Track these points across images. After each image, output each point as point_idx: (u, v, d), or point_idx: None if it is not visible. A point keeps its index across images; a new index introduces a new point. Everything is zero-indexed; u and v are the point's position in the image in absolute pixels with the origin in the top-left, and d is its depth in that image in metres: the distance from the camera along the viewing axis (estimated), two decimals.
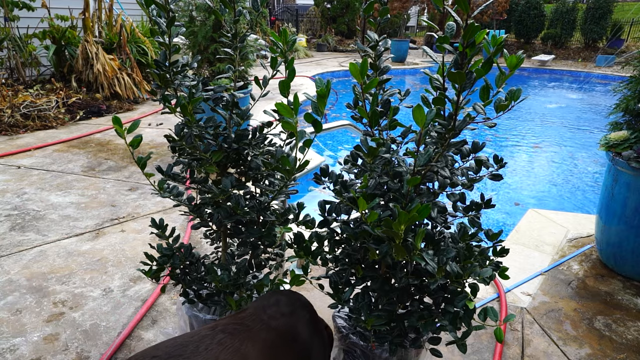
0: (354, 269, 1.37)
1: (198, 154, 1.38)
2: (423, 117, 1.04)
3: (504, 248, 1.29)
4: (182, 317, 1.65)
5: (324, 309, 2.17)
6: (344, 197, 1.27)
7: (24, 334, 1.93)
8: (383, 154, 1.23)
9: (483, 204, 1.33)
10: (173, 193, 1.44)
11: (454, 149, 1.27)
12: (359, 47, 1.36)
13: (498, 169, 1.33)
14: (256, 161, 1.45)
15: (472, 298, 1.25)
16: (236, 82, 1.55)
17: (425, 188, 1.31)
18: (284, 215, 1.47)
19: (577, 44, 15.22)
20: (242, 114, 1.48)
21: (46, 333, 1.94)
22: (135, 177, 3.74)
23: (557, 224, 3.21)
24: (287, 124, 1.10)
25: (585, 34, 14.46)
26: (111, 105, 5.87)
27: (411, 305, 1.34)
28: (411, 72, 11.98)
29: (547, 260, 2.73)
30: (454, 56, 1.10)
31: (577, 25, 14.61)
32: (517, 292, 2.40)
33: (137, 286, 2.31)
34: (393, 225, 1.03)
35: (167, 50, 1.33)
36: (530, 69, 12.87)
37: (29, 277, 2.33)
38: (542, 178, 5.16)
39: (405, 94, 1.46)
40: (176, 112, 1.35)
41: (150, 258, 1.50)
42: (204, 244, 2.74)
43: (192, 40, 4.34)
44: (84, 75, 6.01)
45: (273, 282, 1.49)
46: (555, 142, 6.49)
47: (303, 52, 12.70)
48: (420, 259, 1.11)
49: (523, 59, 1.06)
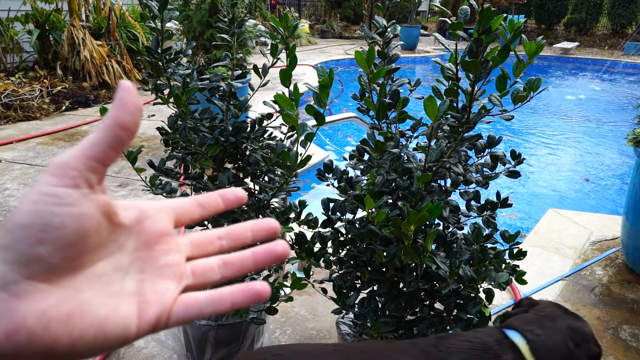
0: (359, 272, 1.37)
1: (193, 147, 1.38)
2: (435, 109, 1.04)
3: (521, 250, 1.29)
4: None
5: (328, 315, 2.18)
6: (349, 194, 1.27)
7: None
8: (391, 149, 1.23)
9: (499, 203, 1.33)
10: (166, 190, 1.45)
11: (467, 143, 1.27)
12: (366, 33, 1.36)
13: (516, 166, 1.33)
14: (255, 156, 1.46)
15: (487, 304, 1.25)
16: (234, 70, 1.56)
17: (436, 186, 1.31)
18: (284, 214, 1.48)
19: (604, 30, 15.11)
20: (240, 105, 1.48)
21: None
22: (125, 173, 3.76)
23: (580, 225, 3.21)
24: (288, 117, 1.11)
25: (613, 19, 14.35)
26: (99, 95, 5.89)
27: (421, 312, 1.35)
28: (422, 61, 11.94)
29: (568, 264, 2.73)
30: (468, 43, 1.10)
31: (603, 9, 14.50)
32: (536, 298, 2.40)
33: None
34: (402, 225, 1.03)
35: (160, 36, 1.33)
36: (552, 57, 12.81)
37: None
38: (563, 175, 5.15)
39: (415, 85, 1.46)
40: (169, 103, 1.35)
41: None
42: None
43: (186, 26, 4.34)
44: (70, 63, 6.02)
45: (273, 285, 1.50)
46: (578, 137, 6.47)
47: (306, 39, 12.68)
48: (431, 262, 1.12)
49: (543, 45, 1.06)
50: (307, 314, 2.20)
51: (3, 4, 6.08)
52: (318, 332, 2.09)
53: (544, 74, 11.18)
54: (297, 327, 2.11)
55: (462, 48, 1.11)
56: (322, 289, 1.45)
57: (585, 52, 13.41)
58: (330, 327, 2.11)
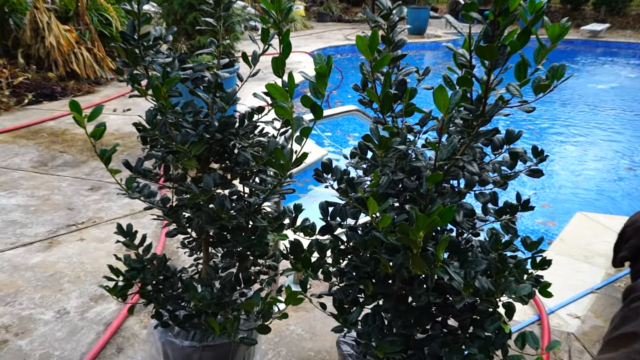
0: (362, 285, 1.38)
1: (174, 145, 1.39)
2: (446, 100, 1.05)
3: (545, 259, 1.30)
4: (154, 343, 1.66)
5: (327, 333, 2.19)
6: (351, 197, 1.28)
7: None
8: (397, 146, 1.24)
9: (519, 206, 1.34)
10: (144, 193, 1.46)
11: (483, 139, 1.28)
12: (369, 16, 1.37)
13: (538, 163, 1.34)
14: (244, 154, 1.47)
15: (507, 320, 1.26)
16: (220, 59, 1.56)
17: (448, 187, 1.32)
18: (277, 219, 1.48)
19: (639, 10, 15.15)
20: (227, 97, 1.49)
21: None
22: (98, 174, 3.76)
23: (612, 231, 3.22)
24: (281, 109, 1.11)
25: None
26: (67, 87, 5.88)
27: (432, 329, 1.35)
28: (432, 47, 11.97)
29: (599, 275, 2.74)
30: (483, 27, 1.11)
31: None
32: (563, 313, 2.41)
33: (99, 307, 2.33)
34: (410, 231, 1.04)
35: (136, 20, 1.34)
36: (578, 41, 12.85)
37: None
38: (592, 174, 5.17)
39: (424, 73, 1.47)
40: (147, 96, 1.36)
41: (115, 272, 1.51)
42: (181, 254, 2.75)
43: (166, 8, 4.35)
44: (34, 50, 6.02)
45: (265, 300, 1.50)
46: (610, 130, 6.49)
47: (301, 23, 12.70)
48: (443, 273, 1.13)
49: (568, 28, 1.07)
50: (303, 333, 2.20)
51: None
52: (316, 353, 2.09)
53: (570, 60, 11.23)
54: (292, 347, 2.12)
55: (476, 32, 1.12)
56: (321, 304, 1.45)
57: (617, 34, 13.46)
58: (331, 347, 2.12)
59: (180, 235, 1.57)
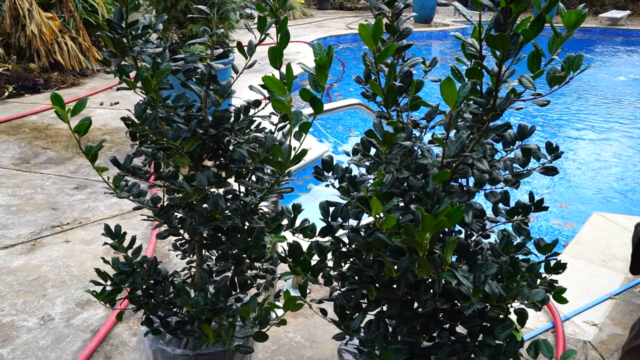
0: (365, 290, 1.38)
1: (165, 141, 1.39)
2: (454, 93, 1.05)
3: (560, 263, 1.30)
4: (144, 351, 1.67)
5: (328, 341, 2.19)
6: (353, 197, 1.28)
7: None
8: (402, 142, 1.24)
9: (532, 206, 1.35)
10: (133, 192, 1.46)
11: (494, 134, 1.29)
12: (372, 3, 1.37)
13: (552, 161, 1.34)
14: (240, 151, 1.47)
15: (519, 328, 1.26)
16: (214, 49, 1.57)
17: (456, 185, 1.32)
18: (275, 220, 1.49)
19: None
20: (221, 90, 1.49)
21: None
22: (84, 172, 3.77)
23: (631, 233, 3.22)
24: (279, 103, 1.12)
25: None
26: (50, 79, 5.89)
27: (439, 337, 1.36)
28: (439, 36, 11.96)
29: (618, 279, 2.74)
30: (494, 14, 1.11)
31: None
32: (579, 320, 2.42)
33: (85, 313, 2.33)
34: (415, 233, 1.04)
35: (124, 7, 1.34)
36: (597, 29, 12.82)
37: None
38: (611, 172, 5.16)
39: (431, 64, 1.47)
40: (136, 88, 1.36)
41: (103, 276, 1.52)
42: (173, 257, 2.76)
43: None
44: (14, 39, 6.01)
45: (262, 306, 1.51)
46: (629, 127, 6.48)
47: (300, 11, 12.69)
48: (451, 277, 1.13)
49: (585, 15, 1.07)
50: (303, 340, 2.21)
51: None
52: None
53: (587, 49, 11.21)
54: (291, 355, 2.12)
55: (487, 20, 1.12)
56: (321, 309, 1.46)
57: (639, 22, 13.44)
58: (331, 355, 2.12)
59: (172, 237, 1.58)
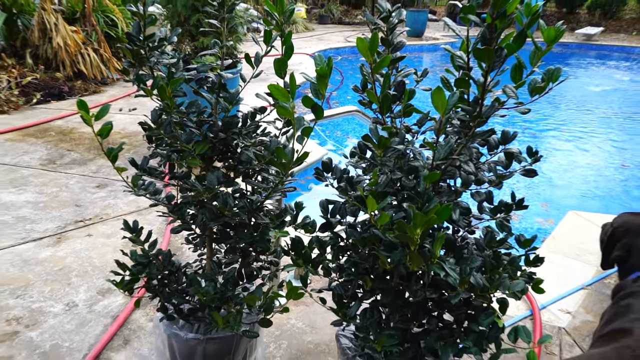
0: (361, 280, 1.38)
1: (179, 144, 1.39)
2: (444, 101, 1.05)
3: (538, 257, 1.30)
4: (159, 336, 1.67)
5: (327, 327, 2.19)
6: (350, 196, 1.28)
7: None
8: (396, 146, 1.24)
9: (514, 205, 1.34)
10: (149, 191, 1.46)
11: (479, 139, 1.28)
12: (368, 18, 1.37)
13: (532, 164, 1.34)
14: (247, 153, 1.47)
15: (501, 315, 1.26)
16: (223, 60, 1.56)
17: (445, 186, 1.32)
18: (279, 217, 1.49)
19: (632, 14, 15.10)
20: (230, 97, 1.49)
21: None
22: (104, 172, 3.76)
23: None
24: (283, 110, 1.12)
25: None
26: (74, 87, 5.88)
27: (428, 323, 1.36)
28: (430, 49, 11.96)
29: (590, 272, 2.74)
30: (481, 29, 1.11)
31: None
32: (555, 309, 2.41)
33: (106, 300, 2.33)
34: (407, 229, 1.04)
35: (142, 21, 1.34)
36: (573, 44, 12.83)
37: None
38: (585, 174, 5.16)
39: (422, 75, 1.47)
40: (152, 95, 1.36)
41: (122, 267, 1.52)
42: (185, 250, 2.76)
43: (170, 10, 4.34)
44: (41, 51, 6.01)
45: (267, 295, 1.50)
46: (603, 132, 6.48)
47: (302, 25, 12.69)
48: (439, 269, 1.13)
49: (563, 31, 1.07)
50: (304, 326, 2.21)
51: None
52: (316, 345, 2.10)
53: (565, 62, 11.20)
54: (293, 340, 2.12)
55: (474, 35, 1.12)
56: (321, 298, 1.45)
57: (611, 38, 13.44)
58: (330, 340, 2.12)
59: (184, 232, 1.57)
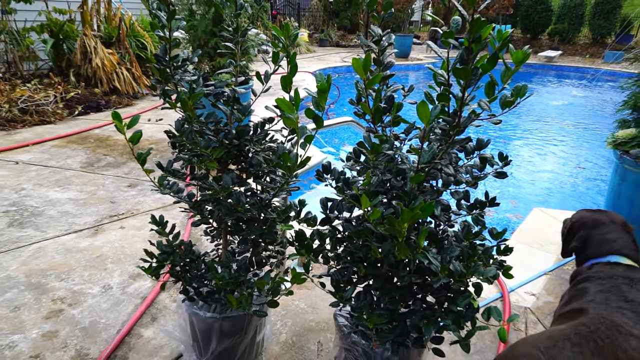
0: (356, 268, 1.37)
1: (198, 150, 1.38)
2: (427, 113, 1.04)
3: (507, 247, 1.29)
4: (182, 314, 1.66)
5: (326, 308, 2.18)
6: (346, 194, 1.27)
7: (23, 331, 1.95)
8: (386, 151, 1.23)
9: (487, 202, 1.33)
10: (173, 189, 1.45)
11: (458, 146, 1.27)
12: (362, 41, 1.36)
13: (503, 167, 1.33)
14: (257, 157, 1.46)
15: (476, 297, 1.25)
16: (237, 77, 1.56)
17: (428, 186, 1.31)
18: (285, 212, 1.48)
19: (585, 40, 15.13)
20: (243, 109, 1.48)
21: (45, 330, 1.96)
22: (135, 174, 3.75)
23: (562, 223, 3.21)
24: (288, 120, 1.11)
25: (594, 29, 14.37)
26: (110, 101, 5.88)
27: (414, 304, 1.35)
28: (415, 68, 11.95)
29: (551, 259, 2.73)
30: (459, 51, 1.10)
31: (585, 20, 14.53)
32: (521, 291, 2.40)
33: (136, 283, 2.32)
34: (396, 223, 1.03)
35: (168, 45, 1.33)
36: (537, 65, 12.83)
37: (28, 274, 2.34)
38: (547, 176, 5.15)
39: (409, 90, 1.46)
40: (176, 108, 1.35)
41: (150, 255, 1.51)
42: (204, 241, 2.74)
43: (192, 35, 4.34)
44: (83, 70, 6.01)
45: (274, 280, 1.50)
46: (561, 140, 6.47)
47: (305, 47, 12.68)
48: (424, 258, 1.12)
49: (529, 54, 1.06)
50: (306, 307, 2.20)
51: (20, 15, 6.06)
52: (317, 323, 2.08)
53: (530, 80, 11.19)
54: (297, 319, 2.11)
55: (453, 56, 1.11)
56: (321, 283, 1.44)
57: (568, 60, 13.44)
58: (329, 319, 2.11)
59: (203, 225, 1.57)
